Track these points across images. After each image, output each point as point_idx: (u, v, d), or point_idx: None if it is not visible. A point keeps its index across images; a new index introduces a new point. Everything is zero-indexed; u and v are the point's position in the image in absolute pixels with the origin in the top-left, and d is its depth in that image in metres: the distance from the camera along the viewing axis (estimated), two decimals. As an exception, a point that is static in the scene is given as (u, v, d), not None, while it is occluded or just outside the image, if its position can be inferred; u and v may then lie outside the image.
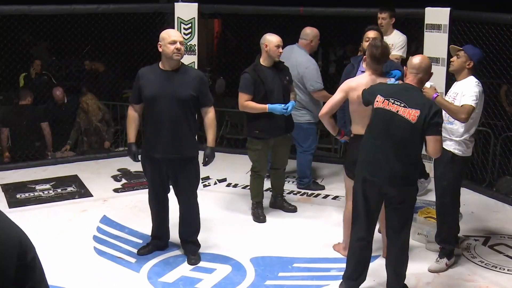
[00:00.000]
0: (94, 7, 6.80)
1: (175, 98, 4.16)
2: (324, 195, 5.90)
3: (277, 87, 4.99)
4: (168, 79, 4.19)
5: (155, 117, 4.23)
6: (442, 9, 6.12)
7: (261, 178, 5.29)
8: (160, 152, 4.24)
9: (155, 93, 4.18)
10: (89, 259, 4.54)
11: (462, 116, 4.00)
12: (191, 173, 4.35)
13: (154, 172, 4.37)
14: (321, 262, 4.51)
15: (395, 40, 5.90)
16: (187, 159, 4.28)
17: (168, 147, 4.21)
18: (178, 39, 4.15)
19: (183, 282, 4.19)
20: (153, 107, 4.21)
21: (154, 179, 4.41)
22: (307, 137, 5.87)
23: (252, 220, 5.27)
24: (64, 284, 4.07)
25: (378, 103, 3.71)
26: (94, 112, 7.38)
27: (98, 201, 5.72)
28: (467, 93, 4.06)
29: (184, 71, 4.26)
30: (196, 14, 7.07)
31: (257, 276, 4.28)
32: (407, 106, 3.56)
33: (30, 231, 5.11)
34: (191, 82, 4.21)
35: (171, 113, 4.17)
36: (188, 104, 4.22)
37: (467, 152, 4.26)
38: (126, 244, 4.77)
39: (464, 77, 4.17)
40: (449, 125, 4.21)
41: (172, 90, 4.16)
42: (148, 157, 4.33)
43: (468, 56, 4.14)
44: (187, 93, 4.18)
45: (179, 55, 4.16)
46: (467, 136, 4.20)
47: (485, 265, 4.45)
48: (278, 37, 5.01)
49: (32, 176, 6.35)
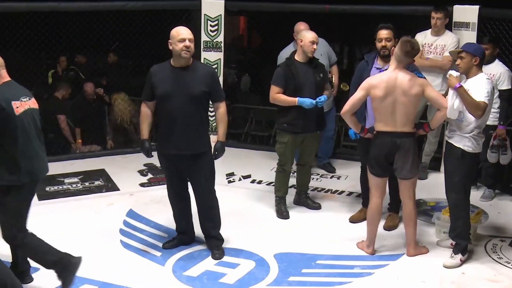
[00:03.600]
0: (122, 3, 6.85)
1: (188, 95, 4.17)
2: (348, 192, 5.87)
3: (309, 83, 4.98)
4: (180, 77, 4.19)
5: (168, 114, 4.24)
6: (471, 6, 6.03)
7: (286, 172, 5.27)
8: (174, 148, 4.26)
9: (168, 90, 4.18)
10: (115, 252, 4.58)
11: (479, 112, 4.04)
12: (204, 167, 4.35)
13: (170, 168, 4.40)
14: (345, 260, 4.48)
15: (447, 41, 5.82)
16: (200, 154, 4.30)
17: (182, 144, 4.23)
18: (187, 37, 4.15)
19: (207, 276, 4.20)
20: (167, 104, 4.22)
21: (171, 174, 4.44)
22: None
23: (276, 216, 5.27)
24: (91, 276, 4.11)
25: None
26: (121, 112, 7.42)
27: (124, 195, 5.76)
28: (479, 90, 4.07)
29: (195, 68, 4.26)
30: (223, 11, 7.07)
31: (281, 272, 4.27)
32: None
33: (58, 223, 5.19)
34: (203, 78, 4.22)
35: (184, 110, 4.19)
36: (200, 100, 4.24)
37: (477, 148, 4.24)
38: (151, 238, 4.80)
39: (474, 74, 4.18)
40: (459, 120, 4.19)
41: (184, 87, 4.17)
42: (163, 153, 4.36)
43: (471, 54, 4.17)
44: (199, 90, 4.19)
45: (188, 53, 4.14)
46: (477, 132, 4.19)
47: (511, 266, 4.38)
48: (314, 33, 5.01)
49: (61, 170, 6.41)
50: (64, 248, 4.58)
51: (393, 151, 4.29)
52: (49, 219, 5.00)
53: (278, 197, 5.33)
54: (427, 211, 5.32)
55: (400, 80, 4.19)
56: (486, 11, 5.99)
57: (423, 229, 4.89)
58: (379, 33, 4.77)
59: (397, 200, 4.81)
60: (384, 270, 4.31)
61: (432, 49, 5.92)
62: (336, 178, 6.29)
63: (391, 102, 4.21)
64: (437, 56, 5.88)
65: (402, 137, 4.26)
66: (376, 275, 4.24)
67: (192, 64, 4.24)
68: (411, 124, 4.30)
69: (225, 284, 4.10)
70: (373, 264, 4.39)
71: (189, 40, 4.15)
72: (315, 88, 5.01)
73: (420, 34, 5.95)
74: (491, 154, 5.36)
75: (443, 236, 4.70)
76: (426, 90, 4.24)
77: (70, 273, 3.81)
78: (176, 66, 4.22)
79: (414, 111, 4.31)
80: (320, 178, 6.25)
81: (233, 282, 4.12)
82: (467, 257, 4.40)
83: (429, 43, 5.93)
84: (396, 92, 4.19)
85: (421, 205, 5.41)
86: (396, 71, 4.22)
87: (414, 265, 4.37)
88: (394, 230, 4.94)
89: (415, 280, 4.17)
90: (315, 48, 4.99)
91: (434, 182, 6.05)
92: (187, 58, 4.17)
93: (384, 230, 4.88)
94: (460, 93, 4.07)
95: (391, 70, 4.25)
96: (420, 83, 4.24)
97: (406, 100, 4.20)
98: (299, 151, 5.33)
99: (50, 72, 8.79)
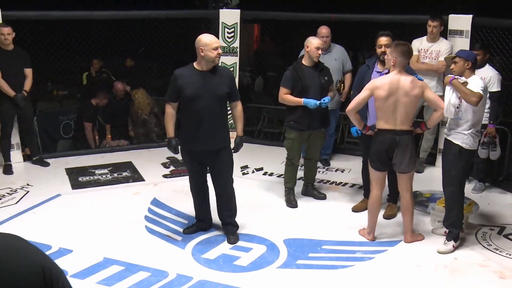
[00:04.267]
0: (148, 13, 6.87)
1: (215, 96, 4.17)
2: (351, 184, 5.84)
3: (314, 85, 4.96)
4: (206, 79, 4.18)
5: (196, 114, 4.21)
6: (464, 16, 5.97)
7: (294, 166, 5.26)
8: (200, 145, 4.25)
9: (196, 92, 4.17)
10: (140, 236, 4.60)
11: (474, 99, 4.00)
12: (225, 161, 4.35)
13: (193, 163, 4.39)
14: (348, 245, 4.46)
15: (442, 47, 5.78)
16: (222, 149, 4.30)
17: (208, 141, 4.23)
18: (219, 45, 4.20)
19: (223, 259, 4.21)
20: (194, 105, 4.19)
21: (193, 169, 4.43)
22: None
23: (285, 205, 5.26)
24: (118, 258, 4.14)
25: None
26: (141, 105, 7.43)
27: (149, 185, 5.78)
28: (474, 85, 4.06)
29: (217, 71, 4.25)
30: (239, 19, 7.06)
31: (289, 256, 4.26)
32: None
33: (90, 210, 5.25)
34: (225, 81, 4.24)
35: (211, 109, 4.18)
36: (224, 100, 4.28)
37: (474, 145, 4.23)
38: (173, 224, 4.81)
39: (468, 77, 4.16)
40: (458, 119, 4.16)
41: (211, 89, 4.16)
42: (188, 150, 4.35)
43: (464, 59, 4.15)
44: (223, 91, 4.21)
45: (219, 59, 4.22)
46: (474, 130, 4.17)
47: (500, 252, 4.34)
48: (320, 40, 5.03)
49: (92, 162, 6.46)
50: (94, 233, 4.64)
51: (393, 147, 4.27)
52: (81, 207, 5.03)
53: (287, 188, 5.32)
54: (423, 202, 5.28)
55: (403, 82, 4.18)
56: (479, 20, 5.93)
57: (419, 218, 4.85)
58: (379, 39, 4.74)
59: (395, 192, 4.78)
60: (383, 255, 4.29)
61: (428, 54, 5.87)
62: (340, 171, 6.26)
63: (393, 102, 4.19)
64: (432, 60, 5.84)
65: (401, 135, 4.24)
66: (376, 259, 4.23)
67: (214, 67, 4.24)
68: (409, 123, 4.28)
69: (239, 266, 4.11)
70: (374, 249, 4.38)
71: (220, 48, 4.22)
72: (320, 89, 4.99)
73: (416, 40, 5.90)
74: (481, 150, 5.31)
75: (438, 225, 4.66)
76: (425, 92, 4.23)
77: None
78: (202, 70, 4.20)
79: (413, 110, 4.29)
80: (325, 171, 6.22)
81: (246, 265, 4.13)
82: (459, 244, 4.38)
83: (425, 49, 5.88)
84: (398, 93, 4.17)
85: (418, 197, 5.37)
86: (398, 74, 4.20)
87: (410, 251, 4.35)
88: (392, 219, 4.91)
89: (412, 264, 4.14)
90: (320, 54, 4.98)
91: (430, 175, 6.01)
92: (215, 63, 4.20)
93: (383, 219, 4.85)
94: (455, 85, 4.07)
95: (393, 73, 4.23)
96: (420, 85, 4.23)
97: (407, 100, 4.19)
98: (305, 146, 5.31)
99: (84, 74, 8.82)
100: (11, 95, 5.88)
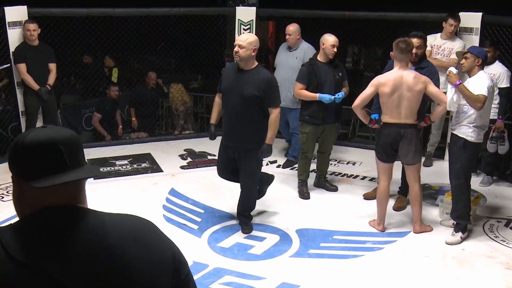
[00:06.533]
0: (167, 9, 6.88)
1: (239, 95, 4.14)
2: (362, 176, 5.83)
3: (329, 81, 4.97)
4: (238, 77, 4.16)
5: (225, 108, 4.29)
6: (474, 13, 5.90)
7: (307, 159, 5.26)
8: (226, 138, 4.29)
9: (227, 87, 4.21)
10: (158, 225, 4.56)
11: (478, 104, 4.02)
12: (250, 162, 4.29)
13: (221, 154, 4.43)
14: (358, 236, 4.47)
15: (455, 45, 5.73)
16: (249, 149, 4.24)
17: (232, 136, 4.25)
18: (236, 42, 4.14)
19: (237, 247, 4.24)
20: (225, 99, 4.26)
21: (220, 160, 4.47)
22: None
23: (298, 196, 5.27)
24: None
25: None
26: (172, 99, 7.52)
27: (167, 176, 5.82)
28: (479, 85, 4.05)
29: (255, 72, 4.15)
30: (254, 16, 7.05)
31: (302, 245, 4.28)
32: None
33: (110, 199, 5.28)
34: (256, 83, 4.10)
35: (235, 107, 4.18)
36: (251, 102, 4.12)
37: (479, 138, 4.22)
38: (190, 213, 4.85)
39: (475, 73, 4.15)
40: (463, 113, 4.15)
41: (238, 88, 4.14)
42: (221, 140, 4.39)
43: (475, 55, 4.14)
44: (249, 92, 4.10)
45: (237, 57, 4.11)
46: (479, 124, 4.15)
47: (506, 244, 4.32)
48: (335, 37, 4.99)
49: (113, 153, 6.51)
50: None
51: (398, 139, 4.28)
52: (102, 196, 5.09)
53: (300, 180, 5.32)
54: (431, 194, 5.26)
55: (406, 78, 4.19)
56: (488, 18, 5.86)
57: (428, 210, 4.84)
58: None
59: (406, 185, 4.76)
60: (392, 246, 4.29)
61: (440, 50, 5.83)
62: (352, 164, 6.24)
63: (397, 97, 4.20)
64: (444, 57, 5.79)
65: (406, 128, 4.26)
66: (386, 249, 4.23)
67: (254, 68, 4.16)
68: (413, 117, 4.29)
69: (253, 254, 4.14)
70: (383, 240, 4.38)
71: (238, 46, 4.08)
72: (334, 85, 5.00)
73: (430, 36, 5.84)
74: (490, 144, 5.28)
75: (446, 217, 4.65)
76: (428, 87, 4.23)
77: None
78: (241, 68, 4.19)
79: (416, 105, 4.28)
80: (337, 164, 6.21)
81: (260, 253, 4.16)
82: (467, 236, 4.36)
83: (438, 45, 5.84)
84: (402, 88, 4.18)
85: (427, 189, 5.35)
86: (401, 70, 4.20)
87: (419, 242, 4.35)
88: (402, 210, 4.91)
89: (420, 254, 4.14)
90: (335, 51, 4.96)
91: (438, 169, 5.97)
92: (239, 62, 4.13)
93: (393, 210, 4.85)
94: (460, 89, 4.07)
95: (396, 70, 4.23)
96: (423, 80, 4.23)
97: (410, 95, 4.19)
98: (319, 140, 5.31)
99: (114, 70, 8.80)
100: (35, 89, 5.96)
